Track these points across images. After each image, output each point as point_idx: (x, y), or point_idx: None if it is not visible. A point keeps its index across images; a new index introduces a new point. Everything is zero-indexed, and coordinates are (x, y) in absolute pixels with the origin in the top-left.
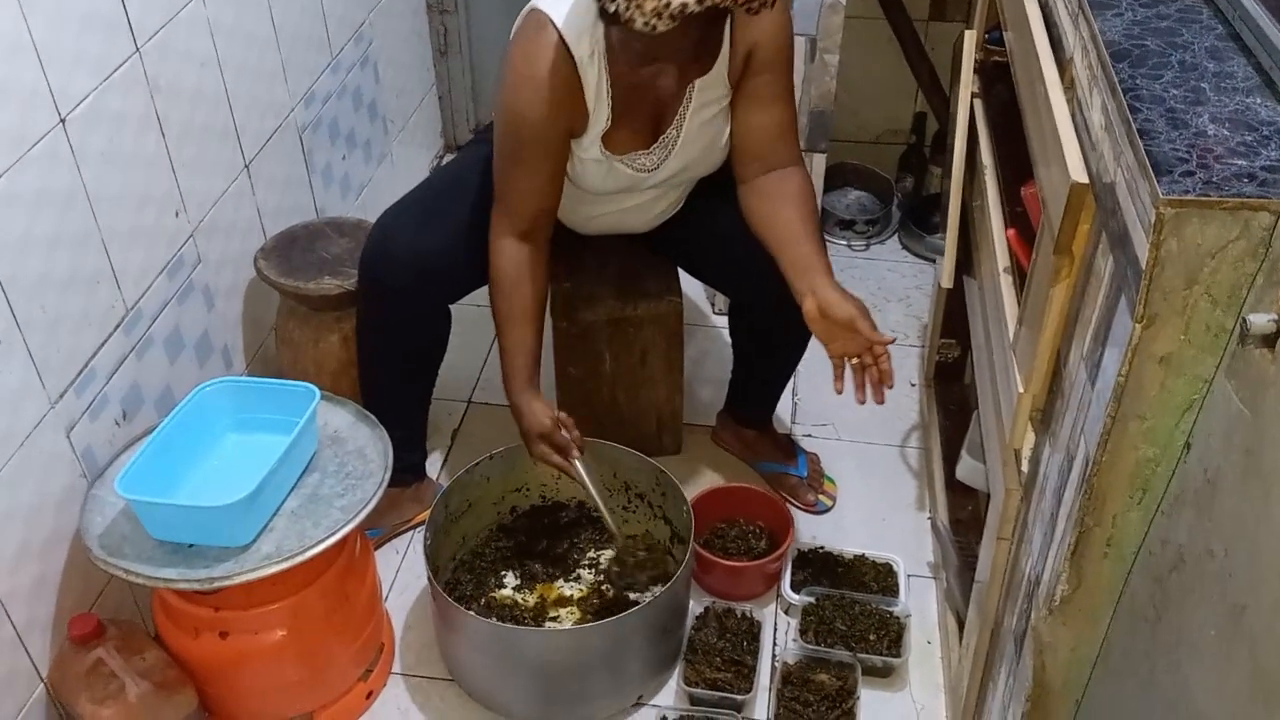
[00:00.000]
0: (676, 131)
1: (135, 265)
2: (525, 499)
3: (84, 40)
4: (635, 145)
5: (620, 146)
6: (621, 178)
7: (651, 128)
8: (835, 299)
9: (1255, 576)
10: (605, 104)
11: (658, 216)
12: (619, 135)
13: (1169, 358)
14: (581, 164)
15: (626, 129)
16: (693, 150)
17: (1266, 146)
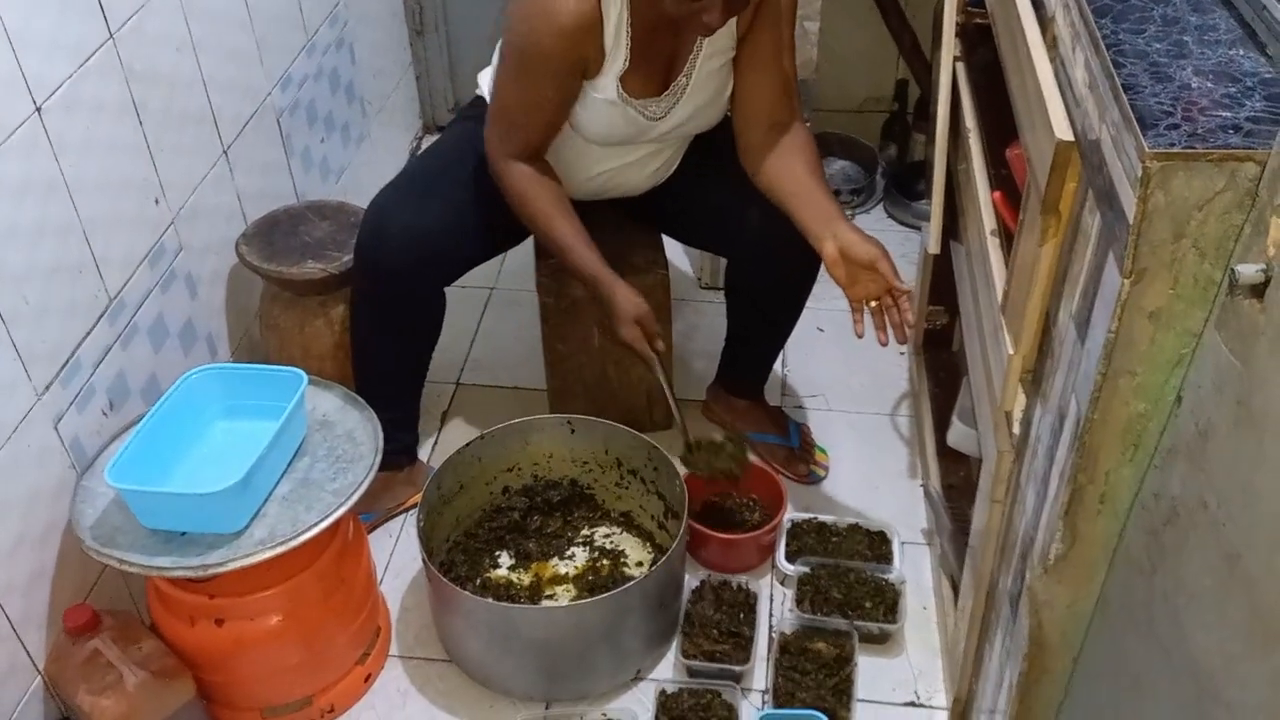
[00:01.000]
0: (686, 79)
1: (117, 254)
2: (518, 478)
3: (57, 26)
4: (648, 91)
5: (635, 91)
6: (631, 124)
7: (663, 74)
8: (856, 239)
9: (1250, 523)
10: (624, 45)
11: (652, 175)
12: (634, 79)
13: (1158, 312)
14: (594, 106)
15: (641, 74)
16: (699, 98)
17: (1250, 98)
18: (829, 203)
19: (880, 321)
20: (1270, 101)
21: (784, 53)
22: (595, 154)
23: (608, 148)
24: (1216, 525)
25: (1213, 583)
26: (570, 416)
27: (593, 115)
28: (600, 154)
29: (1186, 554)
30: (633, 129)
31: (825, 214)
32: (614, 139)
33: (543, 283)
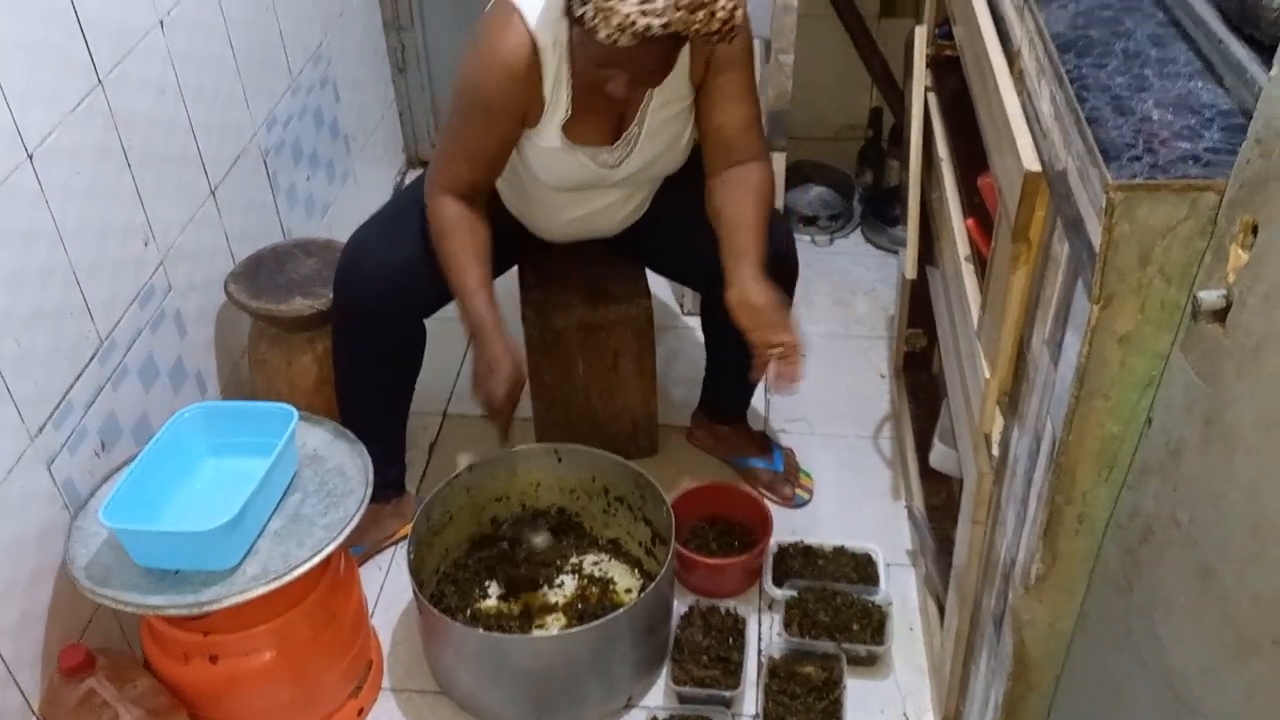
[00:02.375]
0: (638, 128)
1: (107, 296)
2: (506, 508)
3: (46, 75)
4: (597, 139)
5: (582, 138)
6: (585, 171)
7: (613, 124)
8: (754, 288)
9: (1221, 537)
10: (565, 95)
11: (626, 219)
12: (581, 127)
13: (1127, 336)
14: (542, 154)
15: (588, 122)
16: (655, 147)
17: (1209, 129)
18: (749, 245)
19: (768, 369)
20: (1228, 132)
21: (742, 94)
22: (564, 200)
23: (577, 193)
24: (1189, 541)
25: (1188, 597)
26: (557, 445)
27: (543, 162)
28: (569, 199)
29: (1162, 570)
30: (588, 175)
31: (739, 254)
32: (571, 184)
33: (528, 315)
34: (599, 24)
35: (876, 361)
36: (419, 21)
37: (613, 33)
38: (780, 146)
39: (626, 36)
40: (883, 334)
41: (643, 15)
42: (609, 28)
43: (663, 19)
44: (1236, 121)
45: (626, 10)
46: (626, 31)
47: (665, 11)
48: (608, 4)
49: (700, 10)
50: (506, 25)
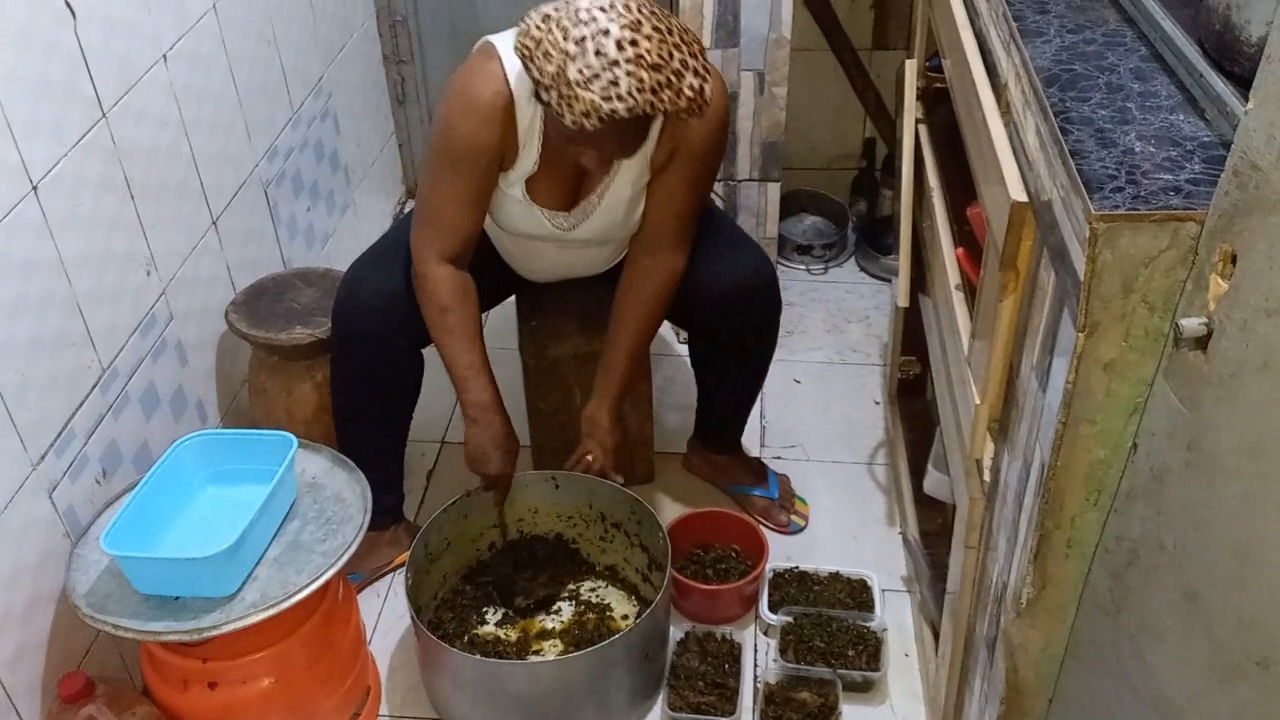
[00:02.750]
0: (598, 199)
1: (109, 325)
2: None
3: (51, 108)
4: (556, 203)
5: (542, 198)
6: (542, 227)
7: (574, 190)
8: (606, 423)
9: (1205, 561)
10: (535, 149)
11: (606, 261)
12: (543, 185)
13: (1112, 363)
14: (504, 199)
15: (550, 182)
16: (609, 219)
17: (1190, 161)
18: (618, 370)
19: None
20: (1209, 164)
21: (686, 193)
22: (535, 246)
23: (542, 243)
24: (1175, 565)
25: (1174, 621)
26: (554, 472)
27: (504, 208)
28: (538, 246)
29: (1149, 594)
30: (543, 231)
31: (605, 378)
32: (526, 234)
33: (524, 344)
34: (564, 110)
35: (871, 388)
36: (418, 56)
37: (578, 118)
38: (775, 177)
39: (592, 121)
40: (877, 361)
41: (606, 101)
42: (574, 114)
43: (626, 103)
44: (1217, 153)
45: (590, 97)
46: (592, 117)
47: (629, 95)
48: (571, 90)
49: (665, 91)
50: (484, 72)
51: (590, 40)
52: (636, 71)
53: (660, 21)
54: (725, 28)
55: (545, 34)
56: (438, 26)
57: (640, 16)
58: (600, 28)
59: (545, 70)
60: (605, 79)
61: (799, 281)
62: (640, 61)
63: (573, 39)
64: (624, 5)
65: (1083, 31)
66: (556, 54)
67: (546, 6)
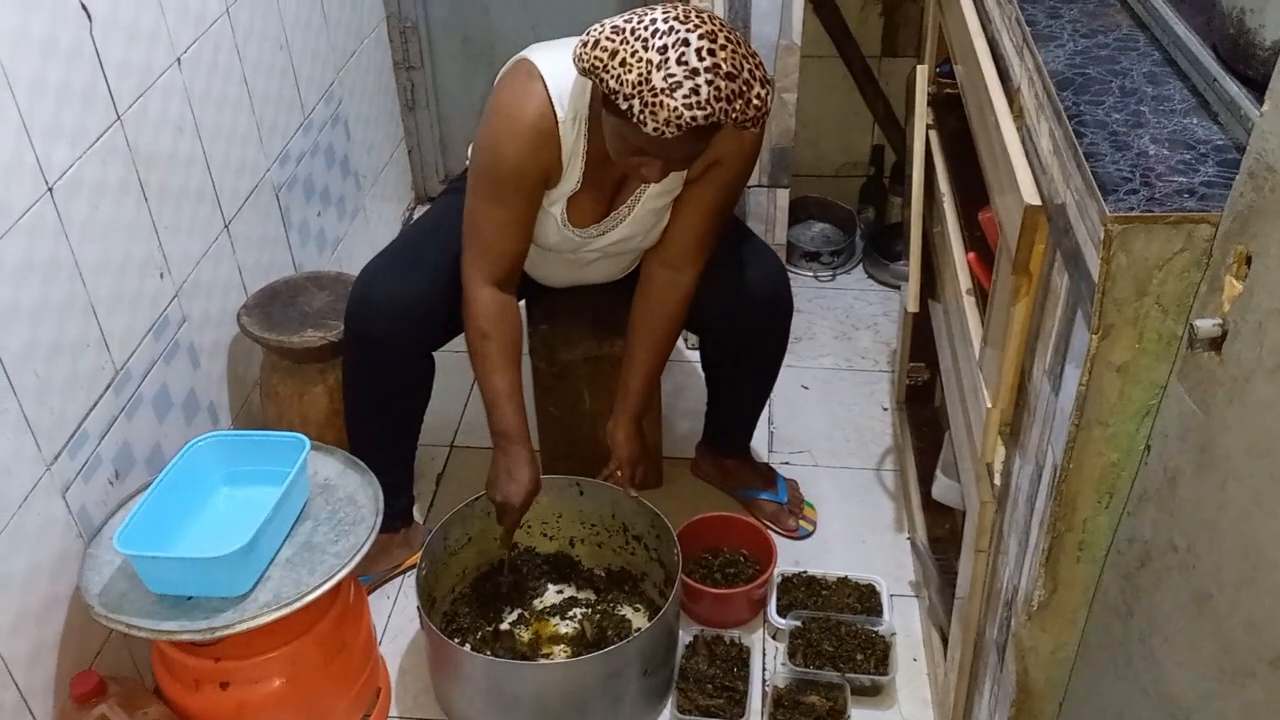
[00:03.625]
0: (629, 210)
1: (122, 327)
2: (527, 536)
3: (67, 111)
4: (590, 217)
5: (577, 216)
6: (567, 241)
7: (609, 200)
8: (621, 439)
9: (1217, 563)
10: (578, 167)
11: (622, 271)
12: (582, 202)
13: (1125, 366)
14: (542, 215)
15: (589, 198)
16: (636, 227)
17: (1204, 163)
18: (637, 388)
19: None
20: (1222, 167)
21: (715, 211)
22: (561, 260)
23: (558, 252)
24: (1186, 567)
25: (1185, 622)
26: (579, 479)
27: (542, 223)
28: (553, 255)
29: (1160, 596)
30: (564, 244)
31: (624, 397)
32: (546, 245)
33: (535, 348)
34: (647, 117)
35: (879, 395)
36: (429, 62)
37: (660, 126)
38: (783, 183)
39: (672, 129)
40: (885, 368)
41: (688, 109)
42: (657, 121)
43: (705, 110)
44: (1231, 156)
45: (674, 104)
46: (673, 124)
47: (708, 104)
48: (656, 99)
49: (739, 100)
50: (528, 93)
51: (673, 49)
52: (715, 80)
53: (730, 33)
54: None
55: (620, 45)
56: (448, 33)
57: (714, 27)
58: (681, 37)
59: (625, 79)
60: (688, 86)
61: (807, 288)
62: (718, 70)
63: (655, 48)
64: (698, 16)
65: (1095, 36)
66: (638, 63)
67: (613, 20)
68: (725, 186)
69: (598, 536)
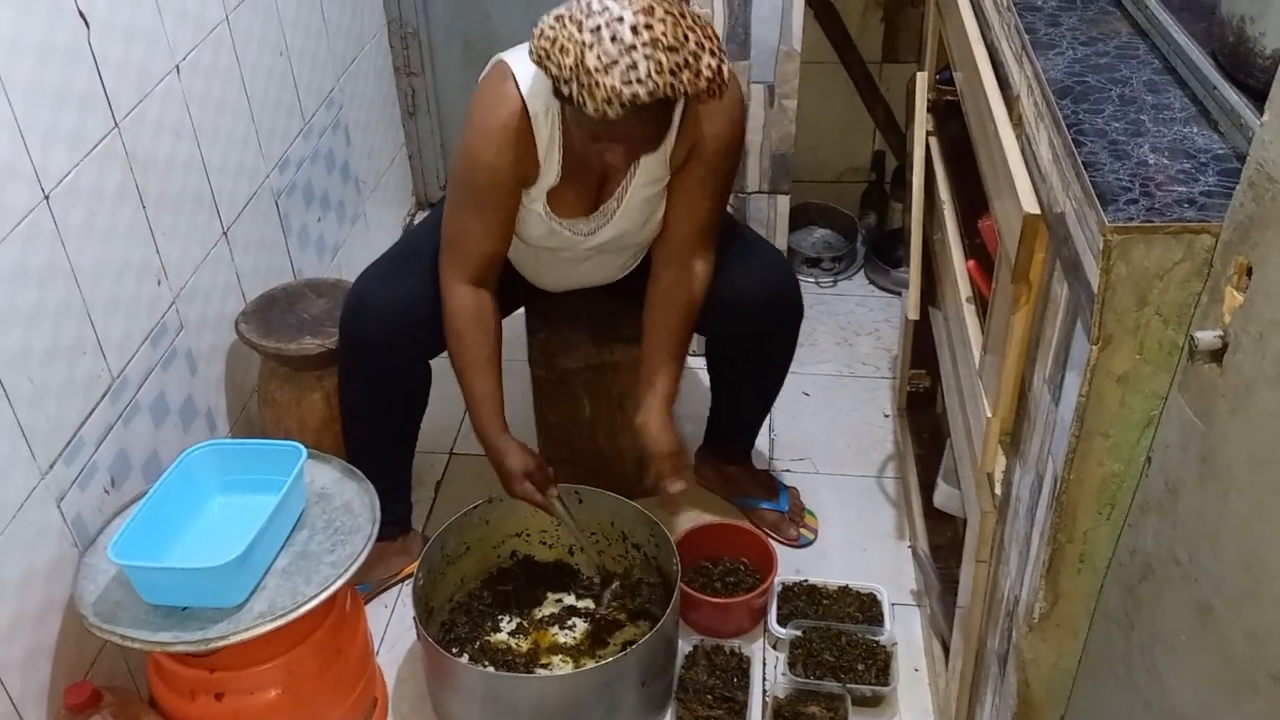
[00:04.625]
0: (617, 203)
1: (119, 334)
2: (525, 544)
3: (64, 117)
4: (577, 210)
5: (563, 209)
6: (556, 236)
7: (594, 195)
8: (655, 428)
9: (1219, 574)
10: (556, 162)
11: (620, 269)
12: (565, 195)
13: (1126, 376)
14: (527, 214)
15: (572, 191)
16: (629, 222)
17: (1204, 173)
18: (665, 375)
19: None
20: (1223, 176)
21: (708, 194)
22: (546, 256)
23: (555, 251)
24: (1188, 578)
25: (1187, 635)
26: (579, 487)
27: (525, 222)
28: (550, 256)
29: (1161, 607)
30: (559, 240)
31: (652, 384)
32: (550, 246)
33: (533, 356)
34: (585, 99)
35: (880, 402)
36: (429, 68)
37: (600, 106)
38: (784, 189)
39: (614, 108)
40: (886, 374)
41: (626, 85)
42: (596, 102)
43: (647, 86)
44: (1231, 165)
45: (611, 83)
46: (614, 103)
47: (649, 78)
48: (591, 79)
49: (685, 71)
50: (500, 94)
51: (605, 28)
52: (654, 54)
53: (672, 7)
54: (736, 40)
55: (559, 31)
56: (449, 39)
57: (652, 2)
58: (614, 15)
59: (563, 64)
60: (624, 64)
61: (808, 294)
62: (657, 44)
63: (588, 29)
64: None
65: (1095, 44)
66: (573, 46)
67: (559, 8)
68: (713, 165)
69: (597, 544)
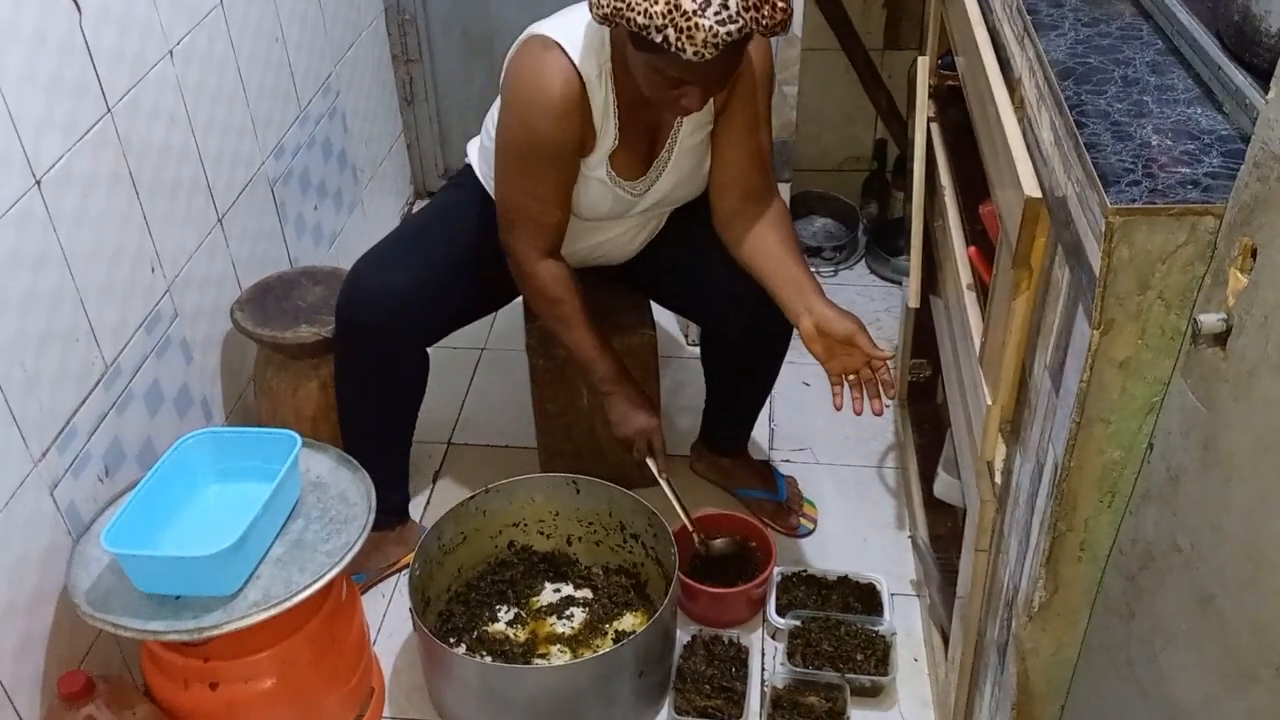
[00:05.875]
0: (669, 154)
1: (113, 321)
2: (524, 534)
3: (56, 103)
4: (633, 170)
5: (622, 169)
6: (617, 201)
7: (647, 151)
8: (832, 315)
9: (1220, 563)
10: (613, 123)
11: (637, 247)
12: (622, 157)
13: (1127, 362)
14: (586, 184)
15: (627, 150)
16: (679, 173)
17: (1208, 154)
18: (805, 277)
19: (859, 393)
20: (1227, 158)
21: (759, 127)
22: (584, 228)
23: (597, 222)
24: (1189, 567)
25: (1188, 624)
26: (575, 476)
27: (584, 191)
28: (587, 228)
29: (1162, 597)
30: (619, 206)
31: (800, 288)
32: (600, 214)
33: (532, 345)
34: (684, 43)
35: None
36: (427, 55)
37: (699, 48)
38: (785, 178)
39: (710, 48)
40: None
41: (721, 25)
42: (695, 44)
43: (738, 23)
44: (1235, 146)
45: (708, 23)
46: (710, 44)
47: (739, 15)
48: (690, 22)
49: (765, 6)
50: (549, 63)
51: None
52: None
53: None
54: None
55: None
56: (447, 26)
57: None
58: None
59: (653, 11)
60: (717, 3)
61: None
62: None
63: None
64: None
65: (1098, 25)
66: None
67: None
68: (756, 99)
69: (595, 535)
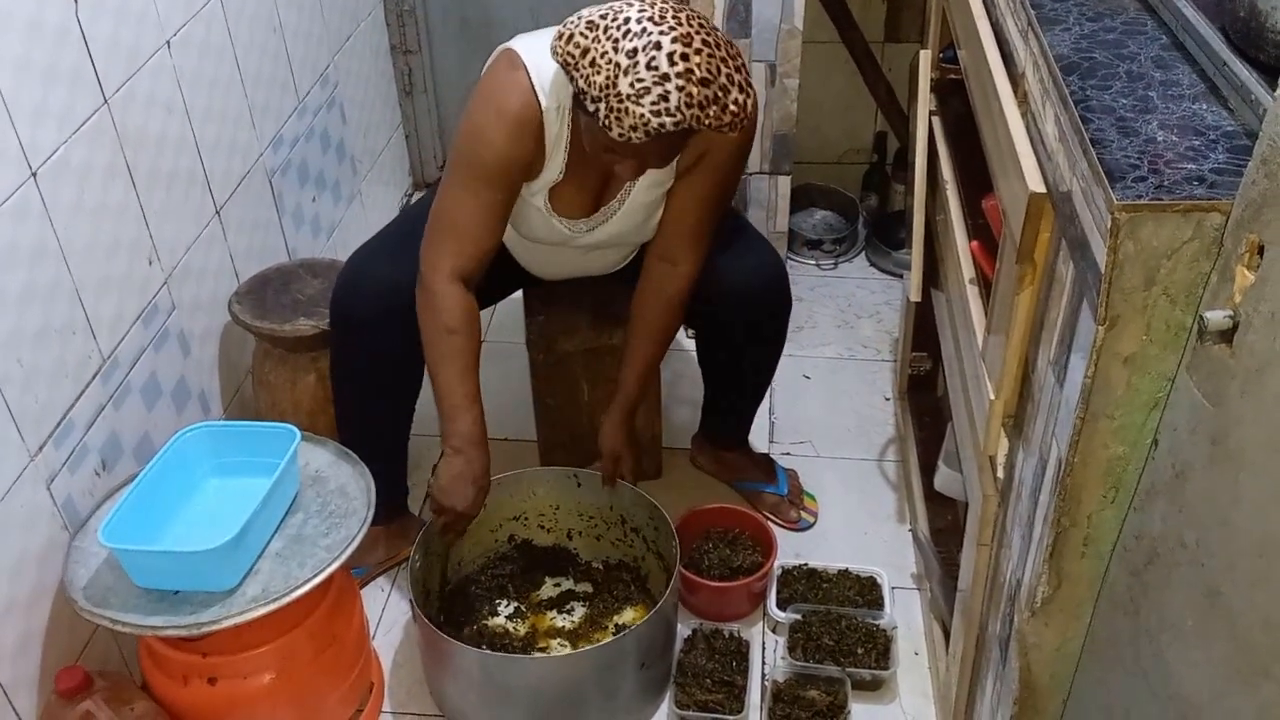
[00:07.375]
0: (619, 204)
1: (110, 314)
2: (524, 528)
3: (52, 93)
4: (577, 208)
5: (562, 206)
6: (553, 232)
7: (596, 194)
8: (606, 431)
9: (1228, 559)
10: (560, 159)
11: (616, 263)
12: (565, 192)
13: (1133, 357)
14: (526, 208)
15: (573, 188)
16: (628, 223)
17: (1214, 150)
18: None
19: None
20: (1233, 153)
21: (707, 200)
22: (543, 249)
23: (552, 245)
24: (1196, 563)
25: (1195, 620)
26: (577, 470)
27: (524, 216)
28: (547, 249)
29: (1169, 592)
30: (554, 236)
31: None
32: (538, 239)
33: (532, 339)
34: (612, 123)
35: (881, 385)
36: (426, 46)
37: (625, 132)
38: (785, 170)
39: (639, 134)
40: (887, 357)
41: (655, 116)
42: (622, 128)
43: (675, 117)
44: (1241, 143)
45: (641, 111)
46: (640, 130)
47: (678, 110)
48: (622, 105)
49: (712, 106)
50: (512, 83)
51: (642, 53)
52: (687, 87)
53: (709, 35)
54: (737, 18)
55: (592, 43)
56: (446, 16)
57: (691, 29)
58: (653, 40)
59: (594, 81)
60: (656, 93)
61: (809, 276)
62: (690, 76)
63: (624, 51)
64: (674, 17)
65: (1102, 19)
66: (607, 65)
67: (590, 12)
68: (718, 177)
69: (595, 529)
